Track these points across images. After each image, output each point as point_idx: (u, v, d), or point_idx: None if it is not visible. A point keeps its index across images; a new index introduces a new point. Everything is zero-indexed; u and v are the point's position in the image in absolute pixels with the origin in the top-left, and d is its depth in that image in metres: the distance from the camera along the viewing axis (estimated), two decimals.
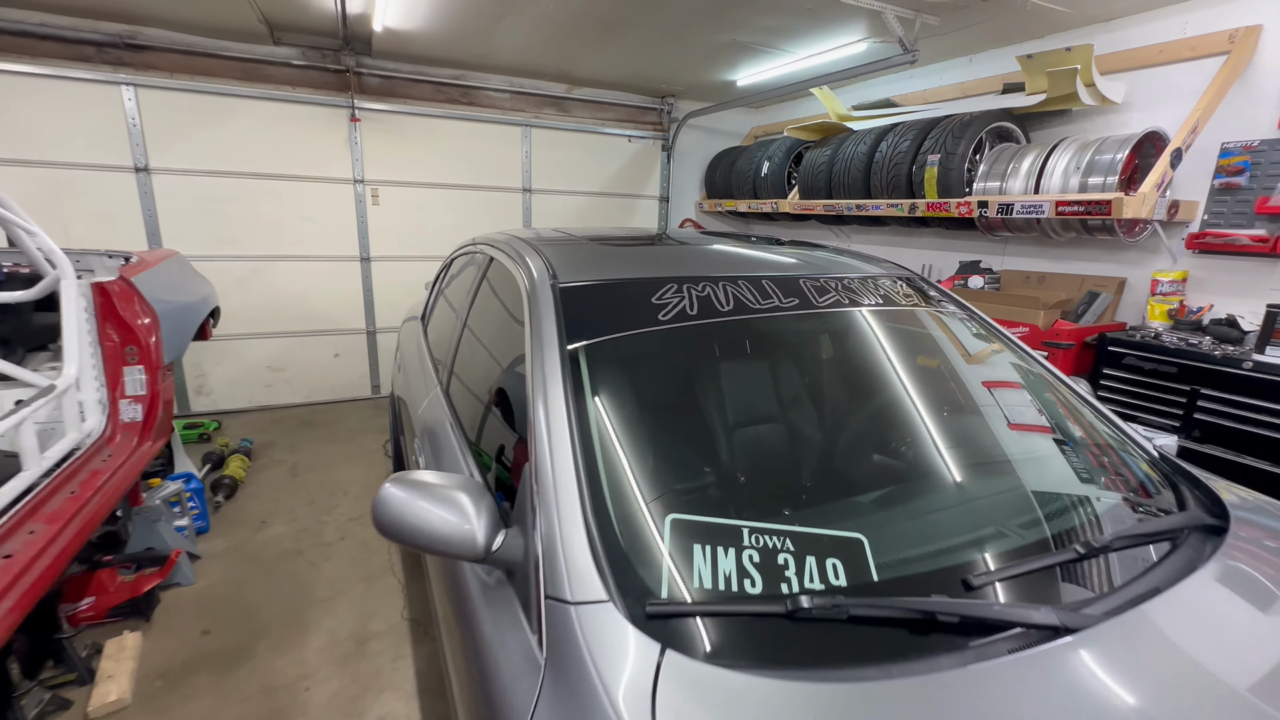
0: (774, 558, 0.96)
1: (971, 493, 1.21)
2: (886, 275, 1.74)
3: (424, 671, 2.11)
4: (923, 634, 0.86)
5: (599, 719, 0.74)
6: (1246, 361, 2.50)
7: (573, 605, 0.87)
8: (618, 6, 3.32)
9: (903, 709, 0.75)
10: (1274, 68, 2.72)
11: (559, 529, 0.95)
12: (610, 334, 1.29)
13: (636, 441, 1.16)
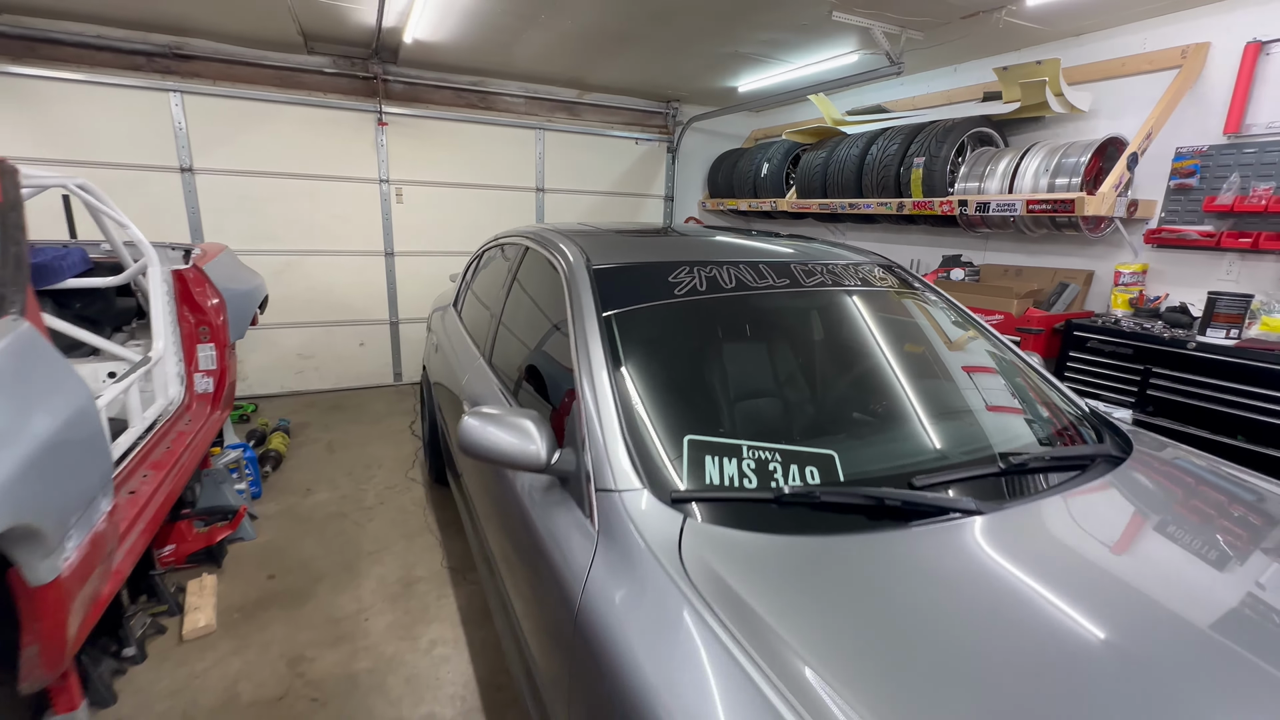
0: (765, 466, 1.28)
1: (926, 427, 1.53)
2: (865, 262, 2.05)
3: (465, 607, 2.43)
4: (875, 517, 1.17)
5: (641, 560, 1.05)
6: (1191, 342, 2.82)
7: (617, 493, 1.19)
8: (630, 21, 3.63)
9: (853, 552, 1.07)
10: (1220, 80, 3.03)
11: (604, 444, 1.27)
12: (636, 304, 1.61)
13: (657, 384, 1.47)
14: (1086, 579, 1.04)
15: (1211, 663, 0.88)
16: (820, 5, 3.21)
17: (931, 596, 0.98)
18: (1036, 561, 1.07)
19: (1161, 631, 0.94)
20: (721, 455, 1.28)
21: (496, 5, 3.41)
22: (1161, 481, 1.40)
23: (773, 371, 1.66)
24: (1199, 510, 1.32)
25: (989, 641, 0.89)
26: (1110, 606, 0.97)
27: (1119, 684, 0.83)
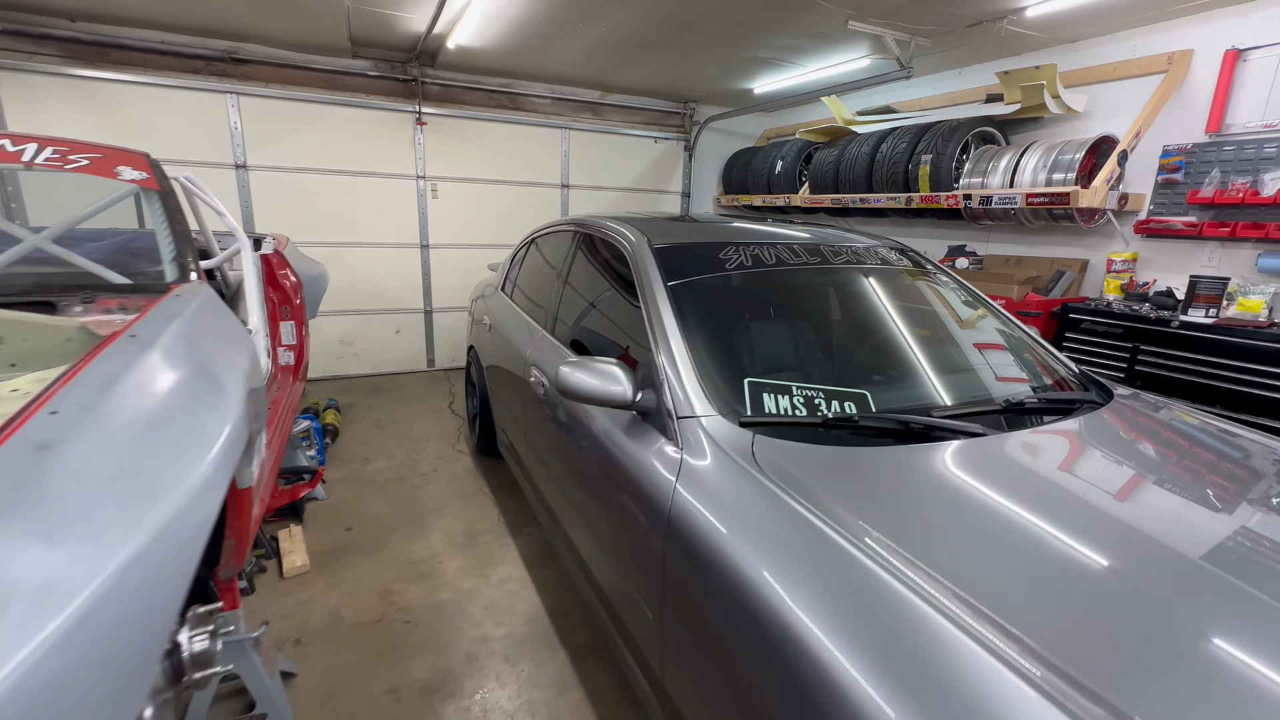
0: (811, 401, 1.58)
1: (941, 377, 1.83)
2: (881, 245, 2.36)
3: (525, 553, 2.73)
4: (900, 439, 1.48)
5: (725, 465, 1.35)
6: (1174, 322, 3.12)
7: (697, 418, 1.49)
8: (660, 29, 3.93)
9: (885, 458, 1.37)
10: (1203, 85, 3.32)
11: (683, 383, 1.57)
12: (695, 276, 1.91)
13: (718, 339, 1.77)
14: (1065, 479, 1.34)
15: (1149, 522, 1.18)
16: (837, 15, 3.51)
17: (944, 485, 1.28)
18: (1025, 467, 1.37)
19: (1110, 506, 1.24)
20: (776, 393, 1.59)
21: (539, 14, 3.71)
22: (1132, 419, 1.71)
23: (812, 331, 1.97)
24: (1158, 436, 1.63)
25: (985, 513, 1.19)
26: (1077, 492, 1.28)
27: (1082, 530, 1.13)
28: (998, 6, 3.32)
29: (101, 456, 0.84)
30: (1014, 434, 1.52)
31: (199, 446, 0.99)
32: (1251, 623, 0.94)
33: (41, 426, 0.83)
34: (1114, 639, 0.90)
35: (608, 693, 1.95)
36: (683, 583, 1.31)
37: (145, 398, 1.01)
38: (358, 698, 1.91)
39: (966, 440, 1.46)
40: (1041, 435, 1.54)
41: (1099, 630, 0.91)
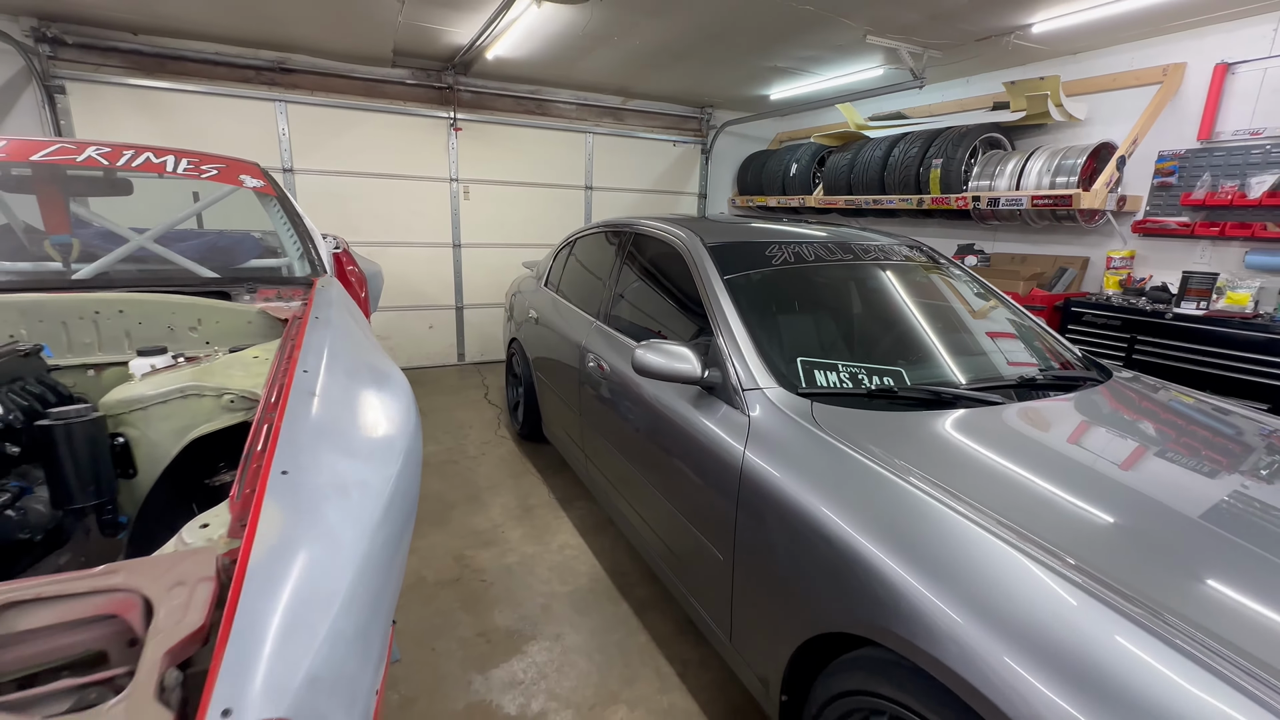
0: (855, 376, 1.85)
1: (963, 357, 2.10)
2: (902, 243, 2.63)
3: (579, 524, 3.00)
4: (930, 407, 1.75)
5: (790, 426, 1.62)
6: (1168, 314, 3.39)
7: (761, 390, 1.76)
8: (690, 40, 4.20)
9: (921, 421, 1.64)
10: (1195, 95, 3.59)
11: (746, 361, 1.84)
12: (748, 270, 2.18)
13: (771, 324, 2.04)
14: (1064, 436, 1.61)
15: (1133, 466, 1.46)
16: (856, 29, 3.78)
17: (967, 438, 1.55)
18: (1032, 427, 1.65)
19: (1100, 453, 1.51)
20: (824, 370, 1.86)
21: (577, 28, 3.98)
22: (1127, 394, 1.98)
23: (849, 318, 2.24)
24: (1149, 408, 1.90)
25: (998, 457, 1.46)
26: (1073, 444, 1.55)
27: (1077, 470, 1.40)
28: (1006, 23, 3.59)
29: (346, 400, 1.11)
30: (1024, 404, 1.80)
31: (397, 379, 1.26)
32: (1196, 539, 1.21)
33: (302, 381, 1.10)
34: (1094, 531, 1.17)
35: (671, 637, 2.22)
36: (755, 525, 1.58)
37: (352, 354, 1.28)
38: (452, 640, 2.18)
39: (985, 408, 1.74)
40: (1048, 404, 1.82)
41: (1086, 527, 1.19)
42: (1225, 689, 0.86)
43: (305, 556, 0.74)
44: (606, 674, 2.04)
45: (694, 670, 2.06)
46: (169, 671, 0.60)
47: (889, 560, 1.21)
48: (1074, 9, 3.33)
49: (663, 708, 1.91)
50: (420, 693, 1.94)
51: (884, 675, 1.21)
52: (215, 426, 1.15)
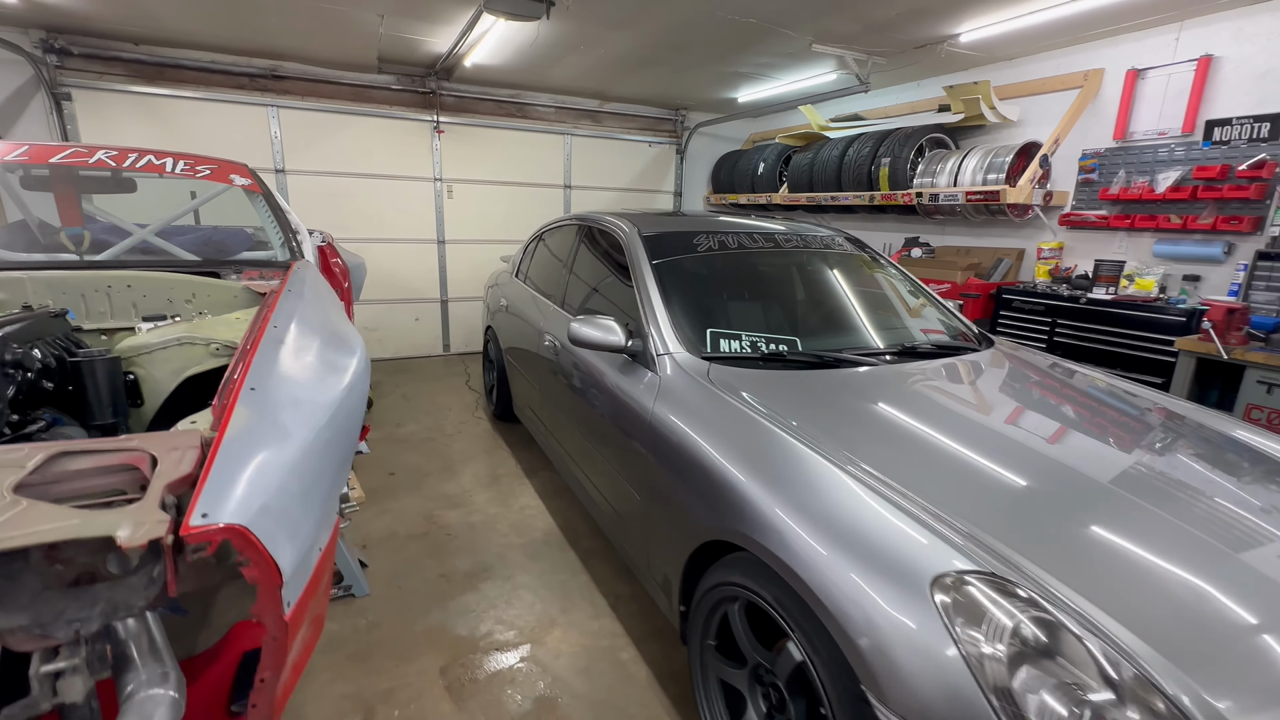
0: (755, 344, 2.16)
1: (857, 331, 2.41)
2: (829, 233, 2.94)
3: (540, 490, 3.32)
4: (814, 368, 2.06)
5: (689, 382, 1.94)
6: (1083, 298, 3.71)
7: (671, 354, 2.07)
8: (653, 49, 4.51)
9: (803, 377, 1.95)
10: (1111, 98, 3.91)
11: (662, 331, 2.15)
12: (673, 256, 2.49)
13: (688, 302, 2.35)
14: (925, 387, 1.93)
15: (978, 408, 1.77)
16: (802, 39, 4.09)
17: (835, 390, 1.86)
18: (897, 381, 1.96)
19: (953, 401, 1.82)
20: (729, 339, 2.17)
21: (546, 39, 4.29)
22: (1000, 358, 2.29)
23: (760, 297, 2.55)
24: (1019, 370, 2.21)
25: (857, 403, 1.77)
26: (931, 394, 1.86)
27: (925, 411, 1.71)
28: (936, 33, 3.90)
29: (306, 347, 1.43)
30: (894, 365, 2.11)
31: (354, 339, 1.58)
32: (973, 449, 1.53)
33: (272, 333, 1.41)
34: (901, 449, 1.49)
35: (608, 577, 2.54)
36: (659, 464, 1.90)
37: (316, 317, 1.59)
38: (417, 580, 2.49)
39: (858, 368, 2.05)
40: (913, 365, 2.13)
41: (911, 455, 1.50)
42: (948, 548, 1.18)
43: (263, 438, 1.05)
44: (548, 605, 2.35)
45: (624, 602, 2.38)
46: (167, 496, 0.92)
47: (745, 480, 1.52)
48: (993, 21, 3.64)
49: (593, 630, 2.22)
50: (386, 619, 2.25)
51: (738, 569, 1.52)
52: (204, 368, 1.46)
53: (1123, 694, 0.97)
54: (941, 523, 1.24)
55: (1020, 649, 1.03)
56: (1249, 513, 1.40)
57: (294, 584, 1.04)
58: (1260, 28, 3.27)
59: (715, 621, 1.65)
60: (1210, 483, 1.53)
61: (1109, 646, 1.01)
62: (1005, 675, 1.01)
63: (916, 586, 1.13)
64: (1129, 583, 1.17)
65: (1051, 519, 1.33)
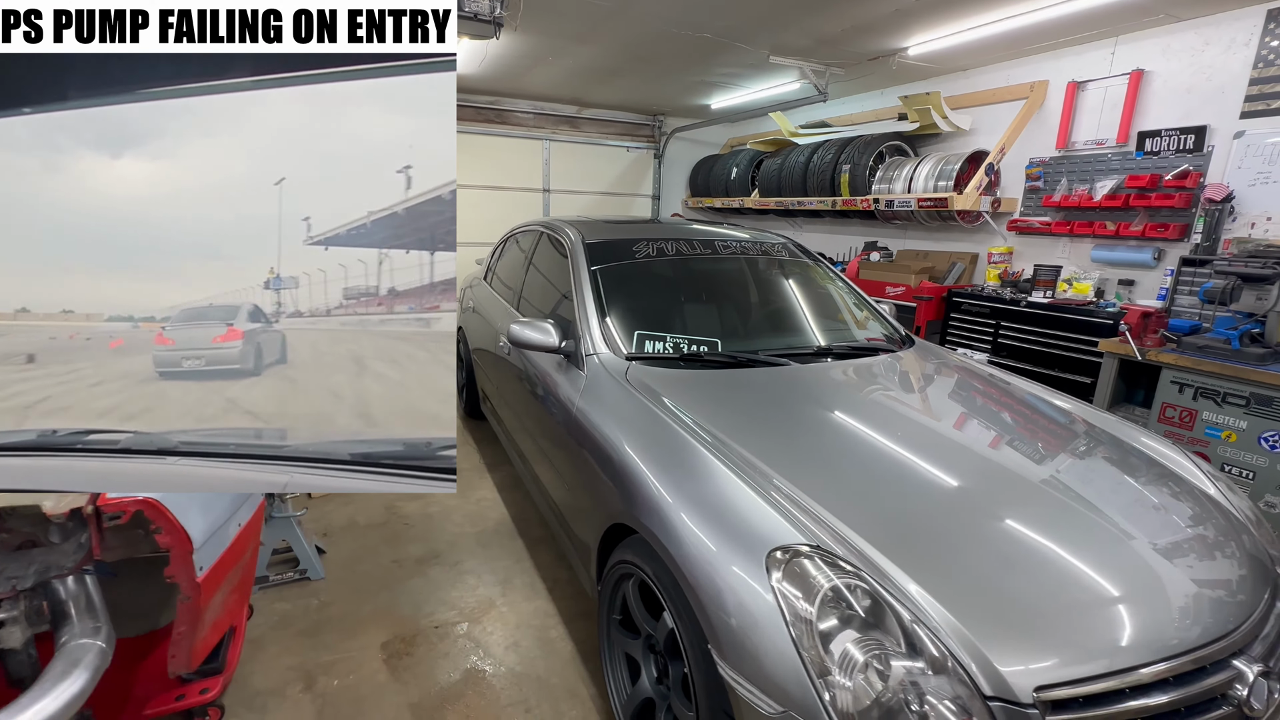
0: (678, 345, 2.33)
1: (780, 332, 2.57)
2: (774, 239, 3.10)
3: (498, 483, 3.48)
4: (731, 367, 2.22)
5: (607, 381, 2.10)
6: (1023, 301, 3.86)
7: (596, 355, 2.24)
8: (619, 60, 4.68)
9: (718, 376, 2.12)
10: (1055, 109, 4.06)
11: (591, 334, 2.32)
12: (611, 262, 2.66)
13: (621, 305, 2.52)
14: (837, 386, 2.09)
15: (878, 404, 1.93)
16: (761, 52, 4.25)
17: (750, 388, 2.03)
18: (811, 379, 2.12)
19: (858, 399, 1.99)
20: (654, 340, 2.34)
21: (515, 52, 4.46)
22: (912, 359, 2.46)
23: (690, 301, 2.72)
24: (923, 369, 2.38)
25: (757, 401, 1.94)
26: (831, 392, 2.03)
27: (826, 406, 1.88)
28: (885, 46, 4.06)
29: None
30: (810, 365, 2.28)
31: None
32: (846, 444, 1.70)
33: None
34: (793, 452, 1.65)
35: (550, 564, 2.70)
36: (581, 455, 2.06)
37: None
38: (370, 564, 2.66)
39: (774, 368, 2.22)
40: (829, 365, 2.30)
41: (789, 446, 1.67)
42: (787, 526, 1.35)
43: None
44: (490, 588, 2.52)
45: (561, 586, 2.54)
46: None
47: (637, 468, 1.69)
48: (935, 36, 3.81)
49: (528, 611, 2.39)
50: (337, 600, 2.42)
51: (631, 549, 1.69)
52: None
53: (921, 655, 1.13)
54: (793, 505, 1.41)
55: (834, 612, 1.20)
56: (1083, 499, 1.57)
57: (207, 551, 1.21)
58: (1185, 44, 3.43)
59: (619, 598, 1.82)
60: (1055, 468, 1.69)
61: (913, 614, 1.17)
62: (817, 634, 1.17)
63: (755, 559, 1.29)
64: (948, 559, 1.33)
65: (895, 501, 1.49)
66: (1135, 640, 1.19)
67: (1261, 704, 1.21)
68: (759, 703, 1.19)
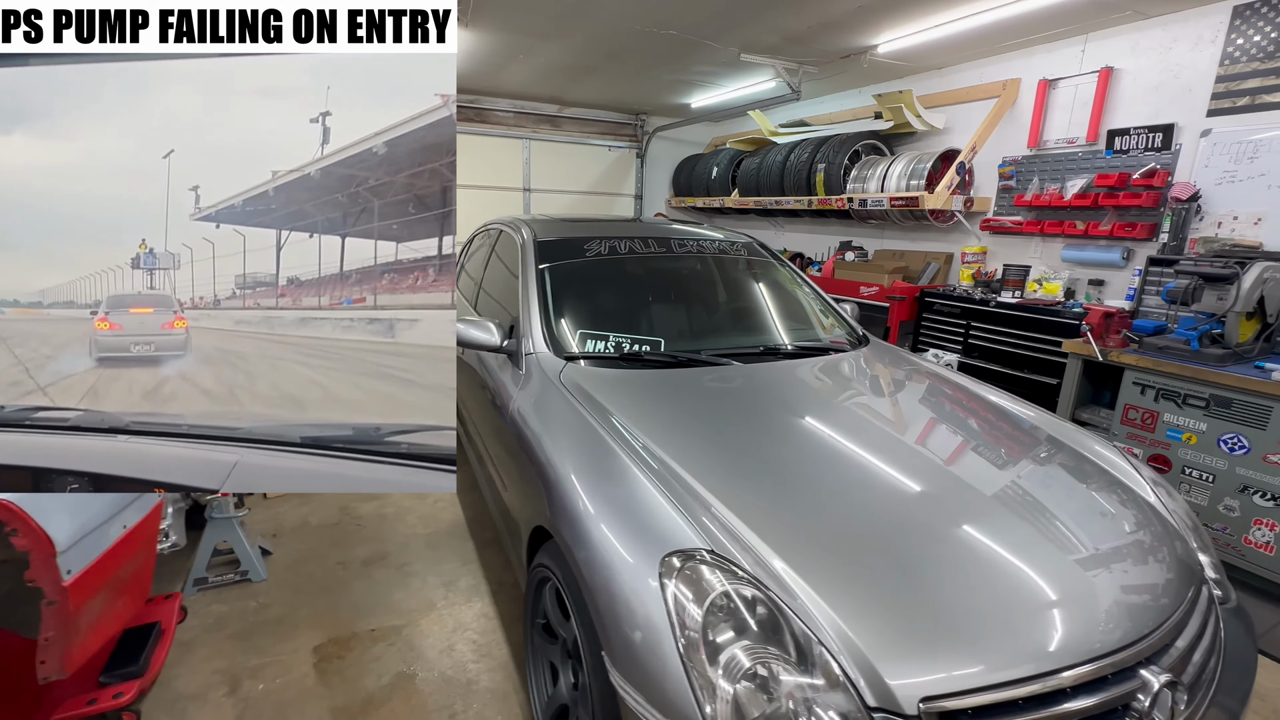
0: (620, 345, 2.29)
1: (732, 330, 2.53)
2: (729, 239, 3.06)
3: (460, 483, 3.44)
4: (670, 367, 2.18)
5: (542, 381, 2.06)
6: (992, 302, 3.82)
7: (535, 354, 2.20)
8: (591, 57, 4.65)
9: (656, 376, 2.08)
10: (1026, 107, 4.02)
11: (532, 333, 2.28)
12: (559, 260, 2.62)
13: (566, 304, 2.48)
14: (787, 387, 2.05)
15: (812, 405, 1.90)
16: (730, 49, 4.22)
17: (683, 388, 1.99)
18: (757, 381, 2.09)
19: (792, 401, 1.95)
20: (596, 339, 2.30)
21: (485, 50, 4.43)
22: (867, 358, 2.42)
23: (638, 300, 2.68)
24: (878, 370, 2.34)
25: (712, 405, 1.90)
26: (770, 393, 1.99)
27: (779, 416, 1.84)
28: (855, 44, 4.03)
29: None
30: (752, 365, 2.24)
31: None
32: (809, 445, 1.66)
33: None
34: (712, 454, 1.61)
35: (496, 566, 2.67)
36: (518, 450, 2.03)
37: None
38: (315, 566, 2.63)
39: (717, 368, 2.18)
40: (772, 365, 2.26)
41: (710, 447, 1.63)
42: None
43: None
44: (433, 591, 2.49)
45: (505, 590, 2.51)
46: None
47: (554, 470, 1.65)
48: (901, 34, 3.77)
49: (467, 615, 2.35)
50: (275, 602, 2.39)
51: (548, 552, 1.65)
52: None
53: (810, 668, 1.09)
54: (703, 509, 1.37)
55: (725, 621, 1.16)
56: (1006, 503, 1.53)
57: (78, 554, 1.17)
58: (1154, 41, 3.39)
59: (541, 602, 1.78)
60: (983, 472, 1.65)
61: (805, 624, 1.13)
62: (704, 643, 1.13)
63: (651, 562, 1.26)
64: (854, 568, 1.28)
65: (810, 507, 1.45)
66: (1033, 649, 1.15)
67: (1165, 716, 1.17)
68: (641, 711, 1.16)
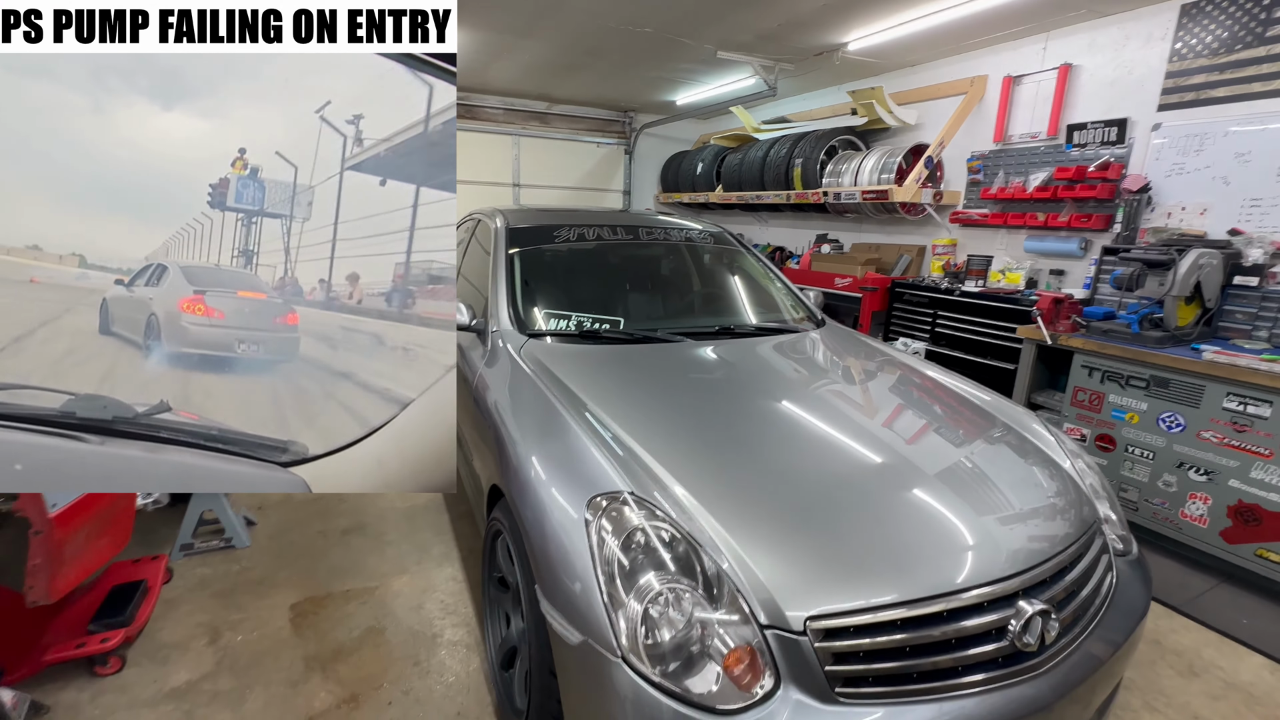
0: (581, 323, 2.43)
1: (691, 311, 2.67)
2: (697, 227, 3.19)
3: None
4: (627, 343, 2.32)
5: (505, 356, 2.20)
6: (956, 291, 3.95)
7: (500, 332, 2.34)
8: (573, 55, 4.78)
9: (595, 352, 2.22)
10: (992, 103, 4.15)
11: (499, 312, 2.42)
12: (529, 246, 2.76)
13: (532, 285, 2.62)
14: (732, 361, 2.19)
15: (758, 379, 2.03)
16: (706, 47, 4.35)
17: (642, 363, 2.13)
18: (704, 356, 2.22)
19: (736, 375, 2.08)
20: (559, 318, 2.44)
21: (470, 47, 4.57)
22: (818, 338, 2.55)
23: (601, 282, 2.81)
24: (823, 347, 2.47)
25: (658, 375, 2.03)
26: (715, 367, 2.13)
27: (722, 385, 1.97)
28: (827, 42, 4.16)
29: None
30: (704, 342, 2.37)
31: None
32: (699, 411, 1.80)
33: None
34: (651, 417, 1.75)
35: (469, 536, 2.81)
36: (480, 418, 2.17)
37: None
38: (296, 535, 2.77)
39: (670, 344, 2.31)
40: (724, 343, 2.39)
41: (650, 411, 1.77)
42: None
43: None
44: (405, 557, 2.63)
45: (475, 556, 2.65)
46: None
47: (510, 430, 1.79)
48: (870, 31, 3.90)
49: (437, 577, 2.49)
50: (256, 566, 2.53)
51: (500, 507, 1.79)
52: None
53: (715, 597, 1.23)
54: (633, 460, 1.50)
55: (641, 554, 1.29)
56: (915, 460, 1.66)
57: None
58: (1109, 39, 3.51)
59: (496, 555, 1.92)
60: (901, 432, 1.79)
61: (712, 559, 1.27)
62: (620, 572, 1.27)
63: (579, 502, 1.39)
64: (764, 512, 1.41)
65: (733, 461, 1.58)
66: (923, 581, 1.28)
67: (1034, 639, 1.30)
68: (565, 633, 1.29)
